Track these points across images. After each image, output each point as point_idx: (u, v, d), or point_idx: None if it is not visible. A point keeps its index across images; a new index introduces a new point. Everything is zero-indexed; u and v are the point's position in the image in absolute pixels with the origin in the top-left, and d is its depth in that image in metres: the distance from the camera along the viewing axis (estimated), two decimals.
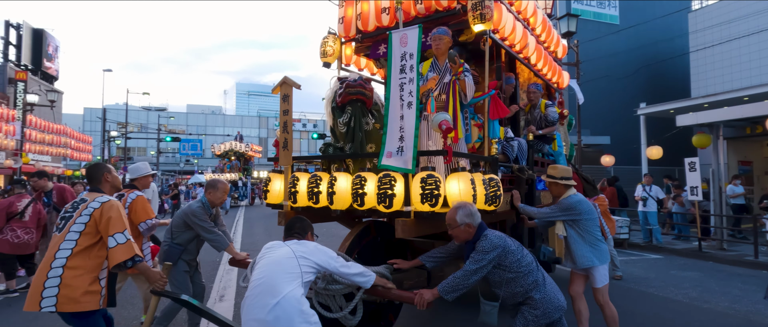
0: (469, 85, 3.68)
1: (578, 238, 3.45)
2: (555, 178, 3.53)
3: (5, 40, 22.05)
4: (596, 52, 16.70)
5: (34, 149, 20.45)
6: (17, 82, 20.63)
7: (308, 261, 2.47)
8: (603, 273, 3.50)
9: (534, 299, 2.58)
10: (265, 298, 2.29)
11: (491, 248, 2.57)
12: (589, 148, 16.47)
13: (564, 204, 3.45)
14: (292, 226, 2.71)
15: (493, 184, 3.21)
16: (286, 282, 2.34)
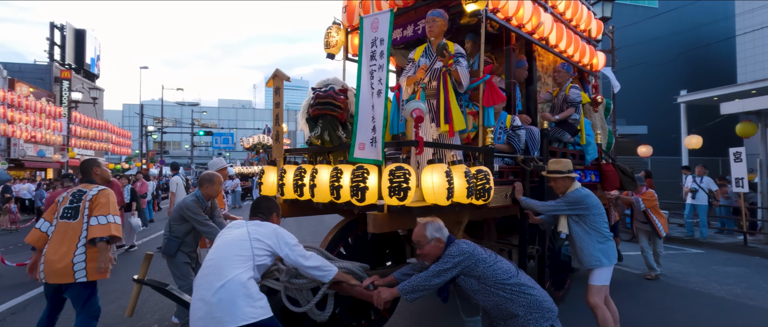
0: (462, 74, 3.43)
1: (585, 235, 3.22)
2: (561, 172, 3.31)
3: (51, 40, 23.30)
4: (633, 37, 15.95)
5: (78, 144, 21.62)
6: (62, 80, 21.78)
7: (262, 244, 2.41)
8: (606, 273, 3.23)
9: (526, 302, 2.43)
10: (212, 280, 2.26)
11: (458, 253, 2.48)
12: (624, 139, 15.85)
13: (571, 197, 3.24)
14: (257, 206, 2.67)
15: (481, 177, 3.00)
16: (234, 264, 2.30)
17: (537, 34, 4.14)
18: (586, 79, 5.37)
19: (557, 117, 4.44)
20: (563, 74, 4.54)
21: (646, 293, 5.26)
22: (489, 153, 3.34)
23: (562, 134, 4.56)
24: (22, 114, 18.14)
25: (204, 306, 2.22)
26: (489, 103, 3.37)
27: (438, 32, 3.60)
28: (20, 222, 12.49)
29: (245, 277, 2.30)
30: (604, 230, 3.22)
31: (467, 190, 2.85)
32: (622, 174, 5.05)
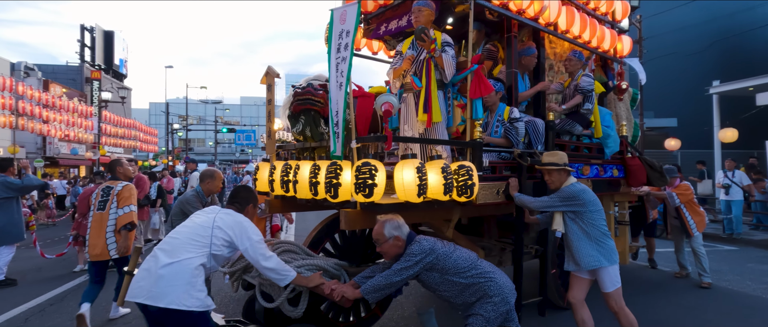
0: (447, 63, 3.30)
1: (581, 233, 3.02)
2: (556, 165, 3.09)
3: (81, 42, 24.17)
4: (662, 27, 15.31)
5: (108, 142, 22.40)
6: (92, 80, 22.58)
7: (223, 233, 2.37)
8: (613, 275, 3.01)
9: (487, 287, 2.46)
10: (164, 255, 2.26)
11: (420, 252, 2.45)
12: (652, 132, 15.31)
13: (565, 192, 3.04)
14: (235, 195, 2.65)
15: (463, 173, 2.87)
16: (189, 248, 2.28)
17: (542, 20, 3.89)
18: (609, 66, 5.02)
19: (564, 107, 4.18)
20: (575, 63, 4.24)
21: (676, 291, 5.07)
22: (476, 147, 3.18)
23: (572, 126, 4.28)
24: (56, 114, 18.91)
25: (148, 276, 2.22)
26: (476, 95, 3.19)
27: (424, 22, 3.49)
28: (56, 216, 13.06)
29: (195, 263, 2.26)
30: (602, 228, 3.02)
31: (444, 186, 2.74)
32: (650, 168, 4.75)
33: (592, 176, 4.34)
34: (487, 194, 3.26)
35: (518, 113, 3.64)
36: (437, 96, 3.30)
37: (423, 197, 2.69)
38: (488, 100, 3.72)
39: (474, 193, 2.93)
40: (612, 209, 4.83)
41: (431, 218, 3.27)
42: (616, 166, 4.73)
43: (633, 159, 4.74)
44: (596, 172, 4.39)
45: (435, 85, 3.29)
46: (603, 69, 5.02)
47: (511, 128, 3.59)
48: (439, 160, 2.82)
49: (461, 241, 3.65)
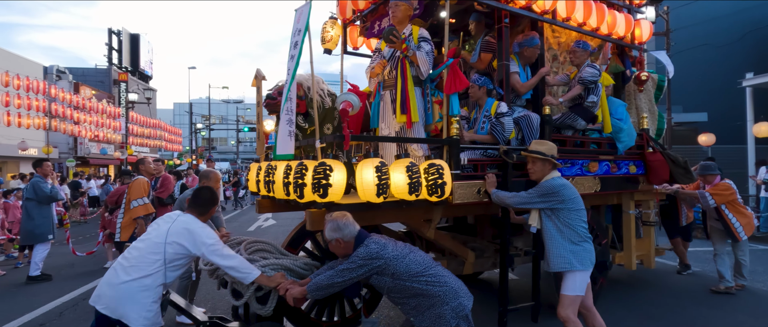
0: (421, 60, 3.17)
1: (556, 232, 2.79)
2: (543, 154, 2.85)
3: (109, 45, 25.04)
4: (690, 18, 14.64)
5: (135, 142, 23.15)
6: (120, 82, 23.34)
7: (178, 246, 2.42)
8: (579, 281, 2.76)
9: (442, 293, 2.33)
10: (121, 272, 2.36)
11: (365, 256, 2.35)
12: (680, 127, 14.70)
13: (543, 187, 2.81)
14: (194, 198, 2.65)
15: (433, 171, 2.72)
16: (143, 267, 2.36)
17: (537, 8, 3.64)
18: (627, 54, 4.65)
19: (561, 100, 3.91)
20: (580, 53, 3.93)
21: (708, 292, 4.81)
22: (453, 145, 3.02)
23: (575, 120, 3.97)
24: (86, 115, 19.65)
25: (108, 288, 2.37)
26: (451, 91, 3.03)
27: (402, 17, 3.39)
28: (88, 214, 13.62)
29: (148, 282, 2.36)
30: (579, 229, 2.78)
31: (409, 185, 2.62)
32: (673, 164, 4.40)
33: (602, 173, 4.07)
34: (466, 193, 3.07)
35: (505, 108, 3.43)
36: (414, 94, 3.20)
37: (383, 197, 2.60)
38: (474, 95, 3.54)
39: (446, 193, 2.79)
40: (632, 208, 4.55)
41: (407, 218, 3.14)
42: (635, 161, 4.41)
43: (654, 154, 4.41)
44: (606, 168, 4.12)
45: (411, 84, 3.19)
46: (620, 57, 4.64)
47: (498, 124, 3.38)
48: (405, 158, 2.72)
49: (447, 242, 3.52)
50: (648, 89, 4.95)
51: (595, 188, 4.00)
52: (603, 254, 4.10)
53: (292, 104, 2.73)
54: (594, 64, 3.92)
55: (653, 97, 5.02)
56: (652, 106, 4.98)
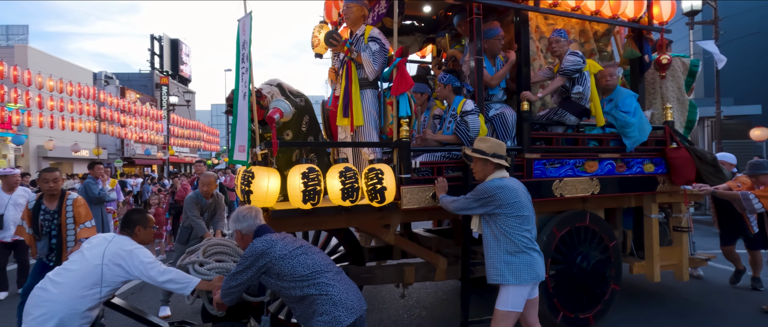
0: (365, 61, 3.03)
1: (492, 240, 2.50)
2: (484, 154, 2.55)
3: (151, 51, 26.46)
4: (741, 4, 13.44)
5: (176, 143, 24.34)
6: (161, 86, 24.61)
7: (117, 268, 2.40)
8: (513, 296, 2.46)
9: (320, 302, 2.16)
10: (53, 290, 2.30)
11: (251, 254, 2.22)
12: (731, 120, 13.50)
13: (479, 190, 2.52)
14: (125, 219, 2.65)
15: (372, 176, 2.56)
16: (76, 289, 2.31)
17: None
18: (646, 37, 4.11)
19: (539, 94, 3.51)
20: (562, 43, 3.55)
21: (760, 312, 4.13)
22: (403, 148, 2.82)
23: (563, 115, 3.57)
24: (131, 118, 20.86)
25: (36, 310, 2.29)
26: (397, 92, 2.86)
27: (355, 19, 3.28)
28: None
29: (77, 306, 2.31)
30: (518, 238, 2.47)
31: (341, 191, 2.50)
32: (700, 161, 3.83)
33: (604, 173, 3.66)
34: (418, 198, 2.85)
35: (472, 106, 3.14)
36: (360, 97, 3.07)
37: (311, 203, 2.48)
38: (441, 93, 3.28)
39: (387, 198, 2.61)
40: (655, 212, 4.06)
41: (360, 223, 2.98)
42: (653, 159, 3.92)
43: (677, 150, 3.87)
44: (611, 168, 3.70)
45: (356, 86, 3.05)
46: (637, 41, 4.07)
47: (462, 123, 3.10)
48: (341, 163, 2.59)
49: (410, 248, 3.32)
50: (677, 76, 4.36)
51: (592, 190, 3.60)
52: (606, 263, 3.69)
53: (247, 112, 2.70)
54: (576, 52, 3.51)
55: (684, 84, 4.40)
56: (682, 95, 4.37)
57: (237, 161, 2.73)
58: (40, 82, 13.81)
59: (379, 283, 3.60)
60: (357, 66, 3.13)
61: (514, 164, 3.20)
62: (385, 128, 3.24)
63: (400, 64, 2.91)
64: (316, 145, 3.35)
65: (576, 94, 3.50)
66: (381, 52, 3.11)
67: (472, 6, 3.30)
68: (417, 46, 4.86)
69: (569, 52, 3.51)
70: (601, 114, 3.65)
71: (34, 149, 18.81)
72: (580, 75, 3.47)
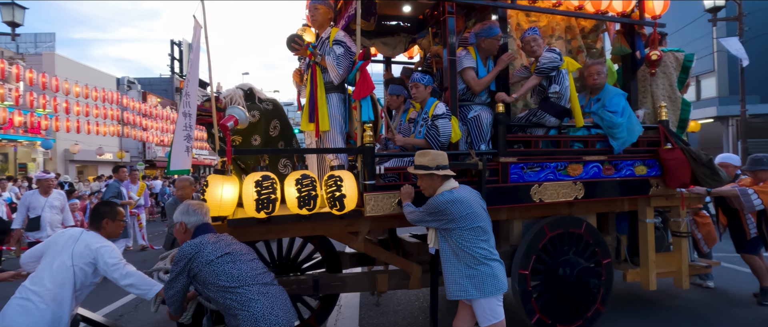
0: (329, 64, 3.01)
1: (451, 255, 2.45)
2: (426, 168, 2.51)
3: (171, 56, 27.21)
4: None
5: (196, 145, 24.88)
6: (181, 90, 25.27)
7: (87, 266, 2.40)
8: (486, 308, 2.41)
9: (241, 317, 2.08)
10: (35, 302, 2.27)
11: (179, 258, 2.15)
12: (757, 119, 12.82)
13: (430, 204, 2.48)
14: (94, 211, 2.65)
15: (330, 183, 2.52)
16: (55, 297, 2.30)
17: None
18: (638, 32, 3.94)
19: (514, 96, 3.39)
20: (540, 42, 3.40)
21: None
22: (366, 153, 2.77)
23: (542, 117, 3.46)
24: (153, 122, 21.47)
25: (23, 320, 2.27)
26: (359, 96, 2.81)
27: (322, 21, 3.27)
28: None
29: (58, 312, 2.32)
30: (476, 251, 2.40)
31: (298, 199, 2.46)
32: (695, 163, 3.67)
33: (589, 177, 3.51)
34: (382, 205, 2.80)
35: (443, 109, 3.07)
36: (326, 101, 3.03)
37: (265, 212, 2.44)
38: (418, 95, 3.19)
39: (347, 206, 2.56)
40: (650, 216, 3.87)
41: (326, 230, 2.95)
42: (645, 161, 3.76)
43: (671, 151, 3.71)
44: (597, 171, 3.54)
45: (321, 91, 3.02)
46: (628, 37, 3.91)
47: (432, 127, 3.03)
48: (298, 171, 2.55)
49: (381, 255, 3.27)
50: (669, 72, 4.15)
51: (576, 195, 3.46)
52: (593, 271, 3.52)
53: (191, 120, 2.67)
54: (553, 49, 3.39)
55: (676, 81, 4.19)
56: (674, 93, 4.16)
57: (176, 171, 2.69)
58: (68, 88, 14.35)
59: (352, 291, 3.55)
60: (322, 70, 3.09)
61: (486, 168, 3.09)
62: (351, 133, 3.20)
63: (362, 67, 2.87)
64: (274, 152, 3.32)
65: (553, 94, 3.37)
66: (346, 55, 3.07)
67: (445, 5, 3.21)
68: (402, 47, 4.78)
69: (546, 49, 3.39)
70: (580, 114, 3.51)
71: (61, 153, 19.63)
72: (557, 73, 3.34)
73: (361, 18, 3.55)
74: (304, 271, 3.57)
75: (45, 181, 5.78)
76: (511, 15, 3.77)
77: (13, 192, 10.03)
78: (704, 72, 16.26)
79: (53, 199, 5.69)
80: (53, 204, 5.67)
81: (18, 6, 9.78)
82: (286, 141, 3.49)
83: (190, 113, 2.63)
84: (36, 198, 5.64)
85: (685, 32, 15.19)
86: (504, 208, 3.41)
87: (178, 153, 2.58)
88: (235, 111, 2.82)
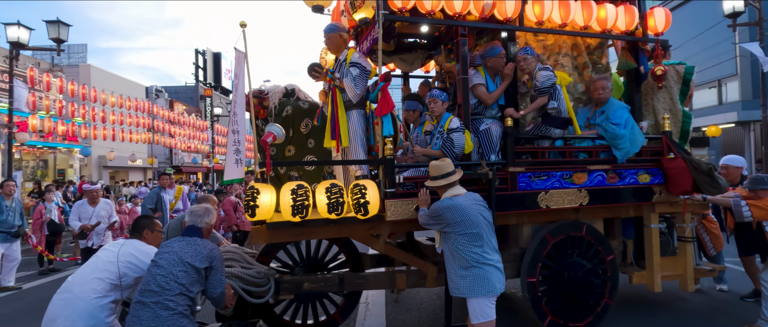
0: (347, 86, 3.38)
1: (449, 255, 2.73)
2: (434, 178, 2.82)
3: (196, 65, 28.24)
4: None
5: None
6: (205, 97, 26.17)
7: (130, 264, 2.61)
8: (476, 308, 2.65)
9: None
10: (76, 292, 2.48)
11: None
12: None
13: (432, 208, 2.76)
14: (134, 225, 2.95)
15: (356, 191, 2.90)
16: (93, 288, 2.49)
17: (499, 15, 3.50)
18: (642, 48, 4.22)
19: (522, 112, 3.74)
20: (530, 61, 3.73)
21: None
22: (387, 164, 3.11)
23: (547, 130, 3.79)
24: (179, 129, 22.37)
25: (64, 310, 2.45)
26: (380, 113, 3.17)
27: (337, 46, 3.60)
28: None
29: (101, 302, 2.52)
30: (468, 255, 2.64)
31: (328, 205, 2.84)
32: (696, 171, 3.87)
33: (593, 185, 3.77)
34: (401, 210, 3.15)
35: (458, 123, 3.41)
36: (346, 118, 3.41)
37: (300, 217, 2.83)
38: (435, 110, 3.55)
39: (371, 211, 2.91)
40: (655, 222, 4.09)
41: (351, 233, 3.31)
42: (648, 170, 4.00)
43: (674, 160, 3.93)
44: (601, 179, 3.80)
45: (342, 110, 3.39)
46: (632, 52, 4.19)
47: (448, 140, 3.38)
48: (328, 180, 2.92)
49: (399, 256, 3.60)
50: (670, 86, 4.39)
51: (580, 201, 3.74)
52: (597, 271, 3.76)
53: (239, 136, 3.08)
54: (546, 66, 3.71)
55: (677, 94, 4.41)
56: (674, 106, 4.39)
57: (230, 181, 3.09)
58: (104, 98, 15.22)
59: (372, 289, 3.88)
60: (341, 91, 3.47)
61: (496, 177, 3.40)
62: (374, 146, 3.54)
63: (384, 88, 3.22)
64: (304, 163, 3.68)
65: (551, 110, 3.69)
66: (362, 75, 3.43)
67: (457, 29, 3.56)
68: (419, 62, 5.13)
69: (539, 67, 3.70)
70: (576, 125, 3.83)
71: (95, 159, 20.68)
72: (553, 90, 3.64)
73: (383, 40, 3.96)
74: (330, 270, 3.93)
75: (92, 191, 6.26)
76: (520, 35, 4.07)
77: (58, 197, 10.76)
78: (727, 76, 16.01)
79: (100, 208, 6.20)
80: (100, 214, 6.15)
81: (63, 24, 10.55)
82: (315, 138, 3.85)
83: (238, 130, 3.03)
84: (85, 208, 6.13)
85: (708, 35, 15.02)
86: (513, 214, 3.70)
87: (230, 165, 2.99)
88: (273, 128, 3.21)
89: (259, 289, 3.17)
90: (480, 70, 3.81)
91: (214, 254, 2.46)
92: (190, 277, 2.33)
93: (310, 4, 4.12)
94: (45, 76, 12.11)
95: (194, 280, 2.35)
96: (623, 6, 4.07)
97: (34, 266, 7.55)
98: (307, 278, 3.41)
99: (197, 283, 2.38)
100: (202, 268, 2.38)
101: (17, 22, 10.07)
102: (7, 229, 5.99)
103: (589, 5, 3.87)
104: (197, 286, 2.38)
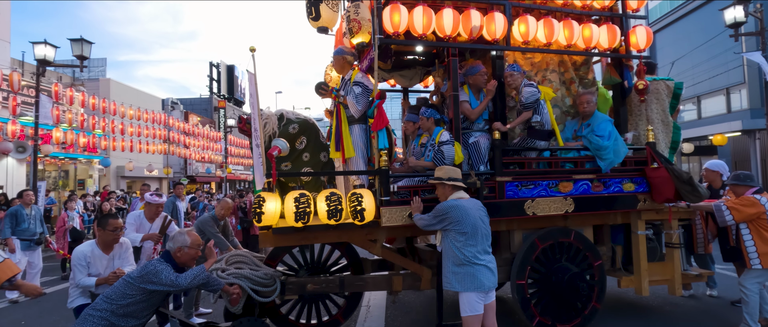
0: (350, 103, 3.73)
1: (446, 252, 3.00)
2: (441, 179, 3.10)
3: (210, 77, 29.05)
4: None
5: (233, 162, 26.32)
6: (219, 109, 26.86)
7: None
8: (465, 302, 2.89)
9: None
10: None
11: None
12: None
13: (438, 209, 3.03)
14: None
15: (353, 199, 3.19)
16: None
17: (488, 36, 3.82)
18: (626, 64, 4.43)
19: (508, 126, 4.02)
20: (516, 77, 4.02)
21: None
22: (382, 175, 3.42)
23: (532, 142, 4.08)
24: (194, 139, 23.01)
25: None
26: (376, 128, 3.50)
27: (342, 66, 3.97)
28: None
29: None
30: (460, 252, 2.89)
31: (327, 212, 3.15)
32: (678, 180, 4.05)
33: (579, 193, 3.99)
34: (395, 217, 3.43)
35: (447, 137, 3.70)
36: (350, 132, 3.74)
37: (302, 222, 3.15)
38: (424, 126, 3.86)
39: (367, 217, 3.21)
40: (642, 229, 4.29)
41: (350, 238, 3.61)
42: (633, 178, 4.21)
43: (657, 170, 4.15)
44: (586, 188, 4.03)
45: (345, 124, 3.73)
46: (618, 68, 4.45)
47: (439, 152, 3.66)
48: (328, 189, 3.24)
49: (395, 259, 3.87)
50: (662, 99, 4.63)
51: (566, 209, 3.96)
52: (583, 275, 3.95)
53: (260, 150, 3.42)
54: (530, 82, 3.99)
55: (668, 106, 4.65)
56: (666, 117, 4.62)
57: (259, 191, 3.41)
58: (123, 111, 15.86)
59: (372, 290, 4.16)
60: (345, 107, 3.80)
61: (483, 186, 3.67)
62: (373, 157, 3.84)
63: (379, 106, 3.56)
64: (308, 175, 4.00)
65: (535, 123, 3.96)
66: (364, 93, 3.78)
67: (448, 50, 3.87)
68: (418, 78, 5.44)
69: (524, 83, 3.98)
70: (559, 134, 4.13)
71: (114, 170, 21.38)
72: (537, 105, 3.91)
73: (379, 60, 4.28)
74: (332, 273, 4.22)
75: (156, 205, 4.60)
76: (508, 53, 4.36)
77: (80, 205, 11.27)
78: (734, 84, 15.98)
79: (156, 226, 4.58)
80: (156, 229, 4.55)
81: (86, 41, 11.17)
82: (310, 152, 4.12)
83: (259, 144, 3.40)
84: (143, 224, 4.56)
85: (715, 43, 15.05)
86: (503, 220, 3.95)
87: (259, 175, 3.36)
88: (279, 143, 3.56)
89: (266, 289, 3.45)
90: (464, 88, 4.11)
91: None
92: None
93: (315, 26, 4.40)
94: (68, 91, 12.72)
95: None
96: (606, 25, 4.35)
97: (56, 271, 8.00)
98: (310, 280, 3.71)
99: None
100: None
101: (44, 41, 10.70)
102: (29, 237, 6.19)
103: (571, 25, 4.15)
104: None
